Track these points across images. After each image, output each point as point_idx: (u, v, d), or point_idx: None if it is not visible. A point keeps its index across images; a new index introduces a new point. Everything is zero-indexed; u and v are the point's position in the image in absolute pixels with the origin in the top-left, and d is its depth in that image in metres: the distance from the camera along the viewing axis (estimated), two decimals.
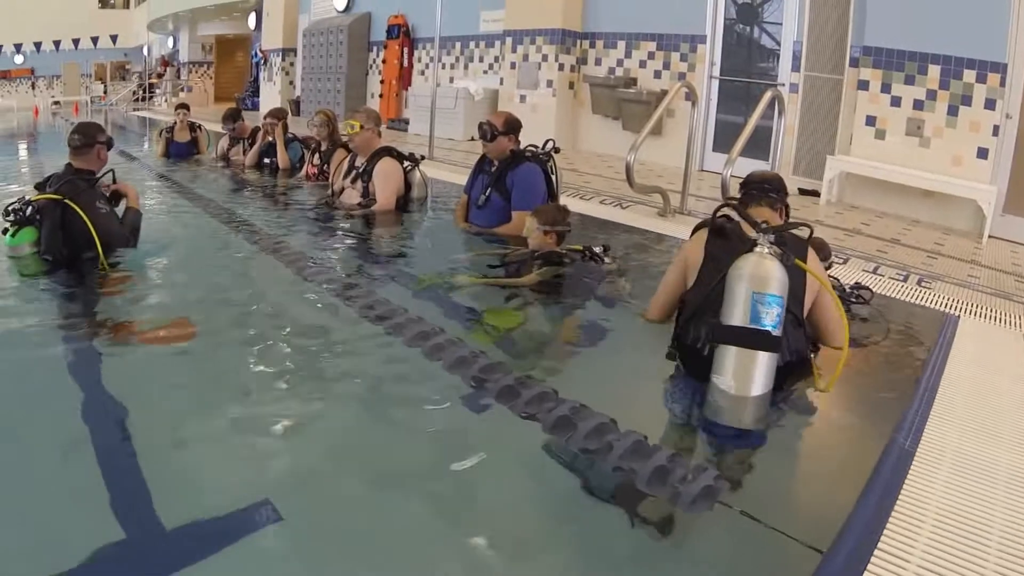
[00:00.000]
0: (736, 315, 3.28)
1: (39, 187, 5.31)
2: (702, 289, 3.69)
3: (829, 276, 4.28)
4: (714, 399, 3.30)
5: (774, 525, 2.53)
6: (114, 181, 5.64)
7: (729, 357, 3.27)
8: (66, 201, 5.07)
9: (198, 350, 4.12)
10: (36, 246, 5.21)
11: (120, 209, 5.67)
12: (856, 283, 4.99)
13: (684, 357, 3.72)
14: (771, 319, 3.25)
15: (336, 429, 3.31)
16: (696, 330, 3.61)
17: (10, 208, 5.23)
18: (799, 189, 9.43)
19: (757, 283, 3.27)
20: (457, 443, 3.14)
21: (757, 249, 3.37)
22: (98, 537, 2.39)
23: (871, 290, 4.92)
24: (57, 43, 37.26)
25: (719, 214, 3.90)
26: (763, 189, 4.06)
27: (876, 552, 2.36)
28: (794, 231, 3.68)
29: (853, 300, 4.73)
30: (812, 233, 3.79)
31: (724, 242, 3.78)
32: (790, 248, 3.50)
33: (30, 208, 5.21)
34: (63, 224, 5.11)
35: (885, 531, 2.46)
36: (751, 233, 3.56)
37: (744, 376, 3.23)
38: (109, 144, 5.56)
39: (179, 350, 4.11)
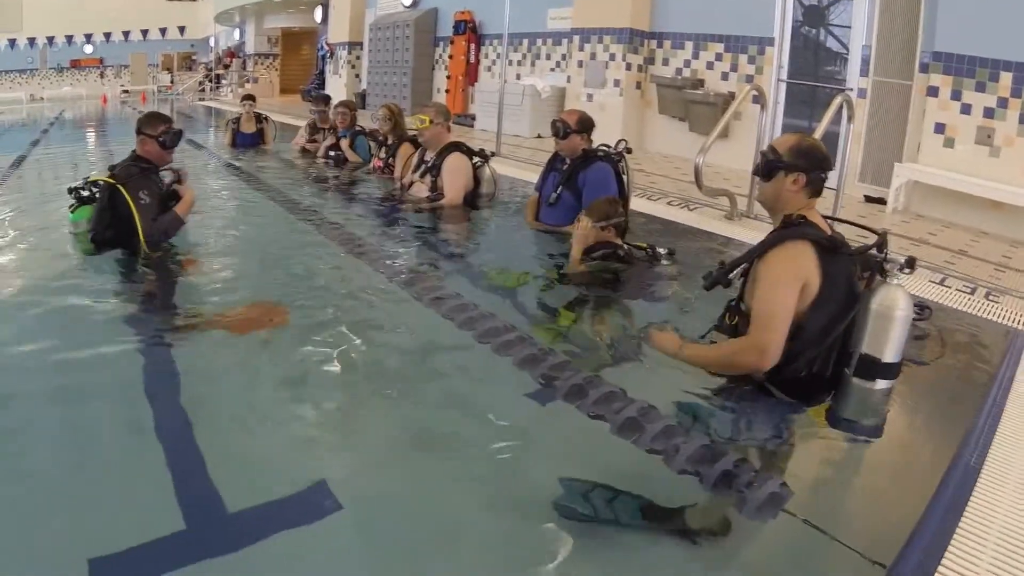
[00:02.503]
0: (890, 352, 3.38)
1: (111, 168, 5.45)
2: (828, 315, 3.44)
3: None
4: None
5: (838, 536, 2.56)
6: (179, 181, 5.74)
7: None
8: (117, 185, 5.20)
9: (262, 337, 4.22)
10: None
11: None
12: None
13: (784, 384, 3.54)
14: None
15: (399, 421, 3.39)
16: (824, 360, 3.49)
17: (74, 187, 5.61)
18: (865, 196, 9.34)
19: (910, 321, 3.40)
20: (523, 440, 3.21)
21: (892, 281, 3.42)
22: (160, 517, 2.51)
23: (930, 308, 4.63)
24: (126, 34, 37.97)
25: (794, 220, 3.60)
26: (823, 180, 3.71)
27: (939, 569, 2.37)
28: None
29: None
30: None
31: (836, 259, 3.49)
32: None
33: (88, 189, 5.55)
34: (110, 207, 5.25)
35: (949, 548, 2.47)
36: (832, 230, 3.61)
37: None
38: (161, 139, 5.48)
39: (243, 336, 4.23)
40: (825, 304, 3.45)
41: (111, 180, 5.24)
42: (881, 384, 3.43)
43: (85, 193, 5.59)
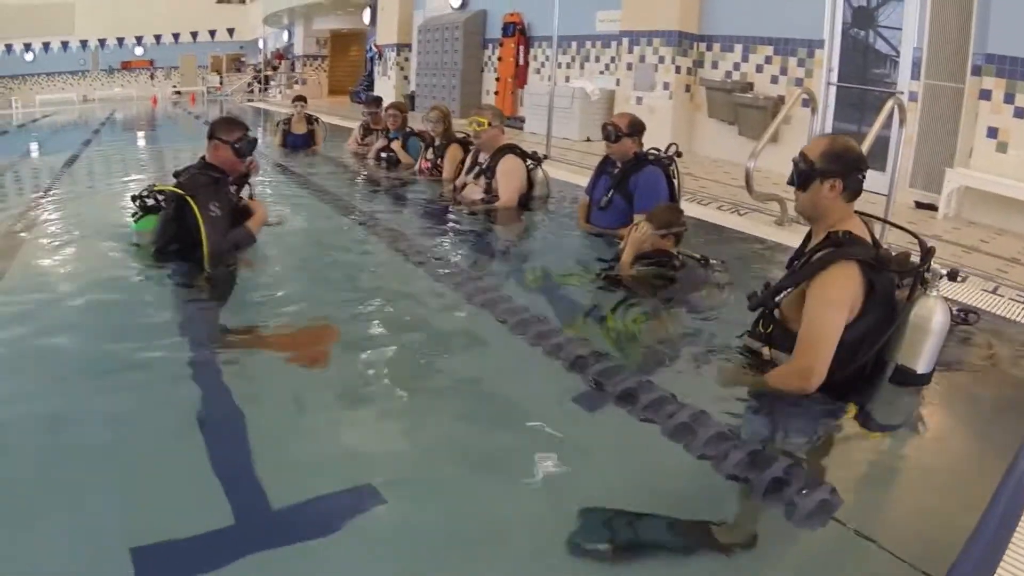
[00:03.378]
0: (923, 363, 3.45)
1: (177, 175, 5.30)
2: (864, 329, 3.44)
3: None
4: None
5: (888, 547, 2.54)
6: (251, 196, 5.64)
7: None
8: (185, 196, 5.00)
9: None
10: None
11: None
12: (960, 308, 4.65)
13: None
14: None
15: (447, 422, 3.42)
16: (859, 369, 3.50)
17: (138, 195, 5.42)
18: (916, 202, 9.23)
19: (945, 333, 3.45)
20: (571, 443, 3.22)
21: (934, 293, 3.45)
22: (207, 513, 2.58)
23: (977, 313, 4.59)
24: (176, 36, 38.47)
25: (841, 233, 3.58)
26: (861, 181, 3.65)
27: None
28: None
29: (959, 321, 4.35)
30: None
31: (881, 276, 3.46)
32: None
33: (153, 197, 5.37)
34: (176, 218, 5.09)
35: (1002, 562, 2.45)
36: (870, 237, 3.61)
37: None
38: (237, 146, 5.35)
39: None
40: (863, 318, 3.45)
41: (179, 190, 5.06)
42: (913, 390, 3.53)
43: (150, 202, 5.43)
